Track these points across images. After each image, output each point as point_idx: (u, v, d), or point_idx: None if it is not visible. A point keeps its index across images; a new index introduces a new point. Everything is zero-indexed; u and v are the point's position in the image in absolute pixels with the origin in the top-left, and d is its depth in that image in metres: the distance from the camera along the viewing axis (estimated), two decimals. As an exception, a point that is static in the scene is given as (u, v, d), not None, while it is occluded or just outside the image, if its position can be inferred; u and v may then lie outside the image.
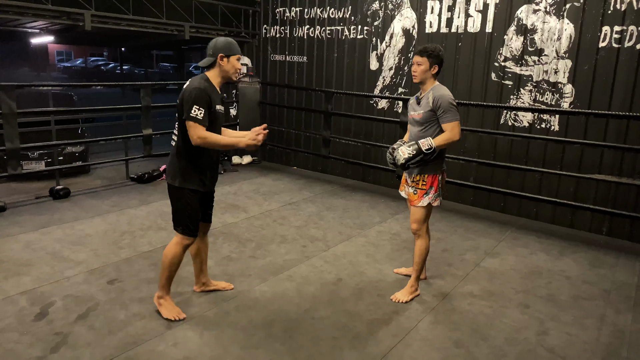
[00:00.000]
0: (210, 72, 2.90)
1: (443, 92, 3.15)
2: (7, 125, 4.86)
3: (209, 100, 2.78)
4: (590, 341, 2.97)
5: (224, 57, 2.84)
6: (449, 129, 3.10)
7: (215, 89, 2.88)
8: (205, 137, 2.75)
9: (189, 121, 2.73)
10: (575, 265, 4.14)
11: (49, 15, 5.54)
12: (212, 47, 2.87)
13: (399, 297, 3.36)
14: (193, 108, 2.71)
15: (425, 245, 3.35)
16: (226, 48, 2.85)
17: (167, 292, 3.05)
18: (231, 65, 2.87)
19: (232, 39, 2.91)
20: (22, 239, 4.23)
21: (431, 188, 3.24)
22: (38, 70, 28.92)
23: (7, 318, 2.95)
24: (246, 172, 7.15)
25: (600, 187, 4.86)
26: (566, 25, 4.87)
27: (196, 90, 2.75)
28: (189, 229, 2.94)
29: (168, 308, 3.02)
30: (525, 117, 5.25)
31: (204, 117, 2.74)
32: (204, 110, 2.73)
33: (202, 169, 2.93)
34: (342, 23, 6.61)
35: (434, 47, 3.20)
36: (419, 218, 3.29)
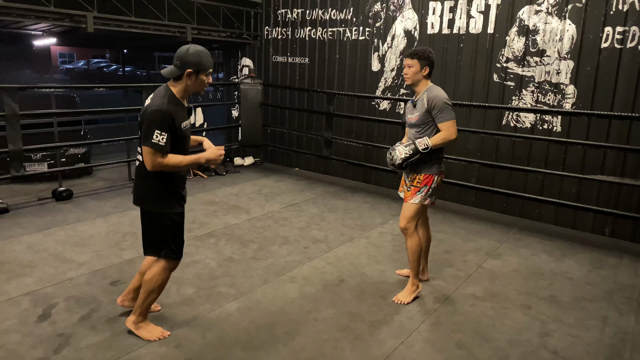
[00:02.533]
0: (174, 85, 2.56)
1: (437, 92, 3.19)
2: (10, 127, 4.87)
3: (172, 122, 2.48)
4: (592, 343, 2.96)
5: (192, 73, 2.50)
6: (445, 128, 3.14)
7: (181, 104, 2.58)
8: (164, 163, 2.49)
9: (147, 147, 2.44)
10: (577, 266, 4.13)
11: (51, 17, 5.56)
12: (180, 57, 2.49)
13: (401, 298, 3.37)
14: (155, 133, 2.42)
15: (415, 244, 3.32)
16: (195, 63, 2.49)
17: (146, 317, 2.85)
18: (199, 83, 2.55)
19: (204, 50, 2.55)
20: (24, 240, 4.24)
21: (425, 187, 3.26)
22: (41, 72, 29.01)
23: (10, 319, 2.96)
24: (248, 173, 7.16)
25: (602, 188, 4.85)
26: (568, 26, 4.87)
27: (159, 113, 2.44)
28: (176, 254, 2.73)
29: (149, 329, 2.82)
30: (527, 118, 5.24)
31: (166, 143, 2.45)
32: (167, 135, 2.45)
33: (177, 185, 2.69)
34: (343, 24, 6.61)
35: (423, 49, 3.23)
36: (407, 215, 3.30)
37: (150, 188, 2.63)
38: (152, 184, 2.62)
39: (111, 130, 8.48)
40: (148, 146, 2.45)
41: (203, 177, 6.81)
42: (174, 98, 2.55)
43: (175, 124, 2.52)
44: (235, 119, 8.04)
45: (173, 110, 2.50)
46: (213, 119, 8.42)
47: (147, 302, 2.80)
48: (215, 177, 6.86)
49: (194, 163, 2.60)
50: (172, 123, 2.49)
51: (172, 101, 2.53)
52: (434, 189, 3.30)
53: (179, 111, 2.55)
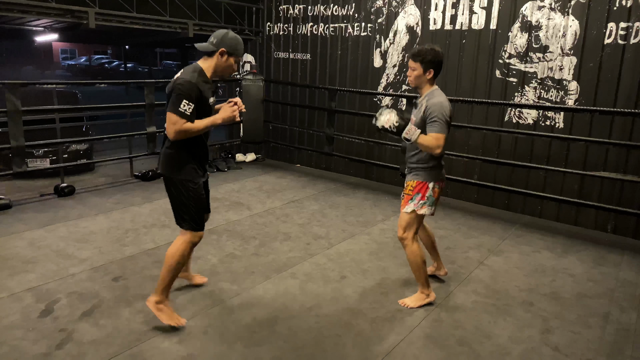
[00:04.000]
0: (205, 61, 2.71)
1: (436, 100, 2.97)
2: (12, 123, 4.88)
3: (200, 95, 2.63)
4: (594, 339, 2.96)
5: (225, 53, 2.67)
6: (434, 138, 2.91)
7: (208, 81, 2.71)
8: (186, 129, 2.60)
9: (173, 114, 2.57)
10: (579, 263, 4.12)
11: (53, 13, 5.55)
12: (218, 37, 2.67)
13: (407, 302, 3.27)
14: (182, 102, 2.56)
15: (414, 254, 3.15)
16: (232, 46, 2.67)
17: (167, 296, 2.88)
18: (228, 65, 2.71)
19: (241, 40, 2.73)
20: (27, 236, 4.26)
21: (417, 195, 3.09)
22: (42, 68, 29.04)
23: (13, 315, 2.97)
24: (250, 169, 7.16)
25: (605, 184, 4.84)
26: (571, 22, 4.84)
27: (187, 84, 2.58)
28: (196, 224, 2.80)
29: (168, 314, 2.86)
30: (529, 114, 5.23)
31: (192, 113, 2.59)
32: (193, 106, 2.59)
33: (200, 157, 2.81)
34: (345, 20, 6.59)
35: (427, 51, 2.99)
36: (402, 224, 3.17)
37: (174, 155, 2.74)
38: (176, 150, 2.73)
39: (113, 126, 8.47)
40: (175, 113, 2.57)
41: (205, 173, 6.80)
42: (203, 73, 2.68)
43: (202, 97, 2.64)
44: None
45: (201, 84, 2.64)
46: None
47: (167, 280, 2.82)
48: (216, 173, 6.87)
49: (211, 125, 2.70)
50: (199, 96, 2.62)
51: (202, 76, 2.67)
52: (430, 198, 3.11)
53: (205, 86, 2.68)
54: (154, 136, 6.10)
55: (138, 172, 6.42)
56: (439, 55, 3.01)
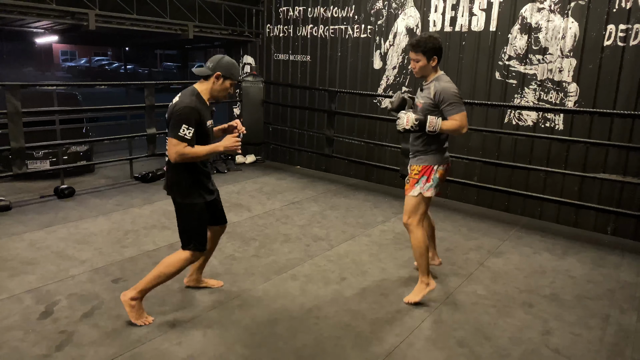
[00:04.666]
0: (201, 85, 2.81)
1: (445, 84, 3.06)
2: (12, 125, 4.88)
3: (199, 118, 2.70)
4: (594, 341, 2.96)
5: (221, 77, 2.76)
6: (458, 119, 3.04)
7: (205, 104, 2.80)
8: (186, 154, 2.67)
9: (173, 139, 2.64)
10: (579, 264, 4.12)
11: (53, 15, 5.56)
12: (214, 61, 2.79)
13: (410, 298, 3.30)
14: (182, 127, 2.63)
15: (418, 240, 3.21)
16: (227, 69, 2.77)
17: (143, 296, 2.94)
18: (224, 88, 2.80)
19: (236, 64, 2.85)
20: (27, 237, 4.25)
21: (423, 177, 3.17)
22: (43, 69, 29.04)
23: (13, 316, 2.97)
24: (250, 171, 7.16)
25: (605, 186, 4.84)
26: (571, 24, 4.85)
27: (187, 109, 2.66)
28: (200, 245, 2.89)
29: (139, 312, 2.92)
30: (529, 116, 5.23)
31: (192, 137, 2.66)
32: (193, 130, 2.66)
33: (204, 177, 2.89)
34: (345, 22, 6.60)
35: (426, 39, 3.06)
36: (408, 208, 3.23)
37: (179, 179, 2.82)
38: (179, 173, 2.80)
39: (113, 128, 8.48)
40: (175, 138, 2.63)
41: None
42: (201, 97, 2.77)
43: (201, 120, 2.71)
44: (237, 116, 8.04)
45: (200, 108, 2.71)
46: (215, 117, 8.41)
47: (153, 283, 2.88)
48: (217, 174, 6.87)
49: (212, 152, 2.75)
50: (199, 119, 2.69)
51: (200, 100, 2.75)
52: (435, 180, 3.18)
53: (204, 109, 2.76)
54: (154, 138, 6.11)
55: (138, 174, 6.43)
56: (438, 41, 3.11)
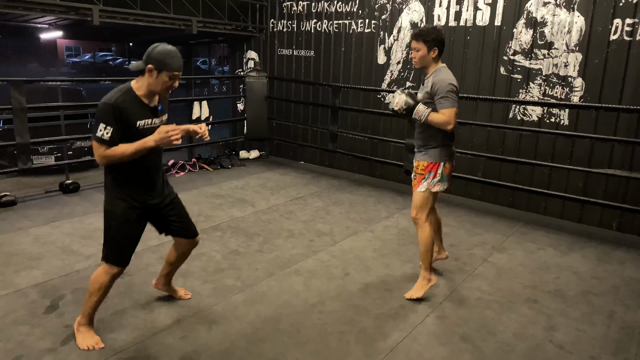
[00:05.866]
0: (138, 80, 2.47)
1: (442, 76, 3.03)
2: (17, 120, 4.90)
3: (121, 117, 2.36)
4: (599, 337, 2.95)
5: (154, 70, 2.38)
6: (446, 114, 2.99)
7: (138, 101, 2.44)
8: (109, 155, 2.37)
9: (94, 141, 2.36)
10: (584, 260, 4.11)
11: (57, 10, 5.57)
12: (147, 52, 2.42)
13: (412, 293, 3.29)
14: (99, 126, 2.33)
15: (425, 235, 3.21)
16: (159, 60, 2.38)
17: (90, 321, 2.69)
18: (160, 82, 2.41)
19: (173, 50, 2.43)
20: (32, 232, 4.28)
21: (430, 174, 3.16)
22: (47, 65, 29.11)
23: (19, 311, 2.99)
24: (253, 166, 7.17)
25: (610, 181, 4.82)
26: (576, 18, 4.81)
27: (104, 106, 2.35)
28: (115, 257, 2.57)
29: (85, 336, 2.66)
30: (534, 111, 5.20)
31: (112, 137, 2.34)
32: (112, 128, 2.33)
33: (132, 185, 2.54)
34: (349, 17, 6.57)
35: (429, 30, 3.05)
36: (416, 204, 3.23)
37: (107, 182, 2.56)
38: (108, 178, 2.54)
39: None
40: (94, 139, 2.37)
41: (209, 170, 6.82)
42: (131, 93, 2.44)
43: (126, 119, 2.39)
44: (240, 112, 8.04)
45: (124, 105, 2.38)
46: (219, 112, 8.43)
47: (89, 304, 2.64)
48: (220, 170, 6.88)
49: (140, 149, 2.39)
50: (120, 117, 2.36)
51: (127, 95, 2.42)
52: (442, 175, 3.17)
53: (134, 107, 2.42)
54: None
55: (142, 169, 6.43)
56: (441, 34, 3.08)
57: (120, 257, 2.60)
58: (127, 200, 2.53)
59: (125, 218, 2.54)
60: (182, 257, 3.00)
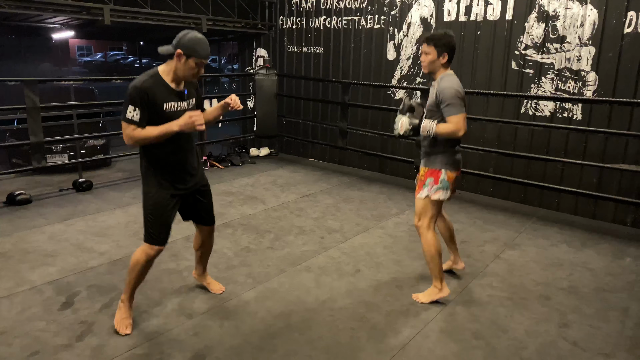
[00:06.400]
0: (165, 65, 2.58)
1: (447, 83, 2.93)
2: (31, 120, 4.97)
3: (148, 99, 2.47)
4: (613, 334, 2.92)
5: (182, 55, 2.48)
6: (454, 122, 2.89)
7: (165, 84, 2.55)
8: (135, 136, 2.49)
9: (123, 122, 2.48)
10: (598, 257, 4.06)
11: (69, 10, 5.63)
12: (177, 38, 2.51)
13: (420, 297, 3.24)
14: (128, 108, 2.45)
15: (429, 243, 3.09)
16: (189, 47, 2.47)
17: (129, 297, 2.82)
18: (187, 67, 2.52)
19: (203, 39, 2.53)
20: (47, 230, 4.34)
21: (430, 179, 3.06)
22: (60, 65, 29.44)
23: (34, 307, 3.04)
24: (264, 164, 7.19)
25: (624, 177, 4.75)
26: (589, 11, 4.74)
27: (133, 89, 2.47)
28: (151, 237, 2.69)
29: (123, 315, 2.80)
30: (546, 106, 5.14)
31: (141, 119, 2.47)
32: (140, 111, 2.46)
33: (164, 169, 2.66)
34: (358, 13, 6.55)
35: (441, 34, 2.96)
36: (418, 210, 3.15)
37: (140, 163, 2.70)
38: (140, 159, 2.69)
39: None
40: (123, 120, 2.49)
41: (220, 167, 6.86)
42: (158, 77, 2.55)
43: (153, 101, 2.49)
44: (250, 109, 8.07)
45: (151, 88, 2.49)
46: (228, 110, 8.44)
47: (128, 280, 2.79)
48: (231, 167, 6.91)
49: (165, 133, 2.51)
50: (147, 100, 2.47)
51: (155, 79, 2.54)
52: (444, 182, 3.05)
53: (161, 90, 2.53)
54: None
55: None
56: (452, 40, 2.98)
57: (156, 237, 2.70)
58: (160, 183, 2.66)
59: (158, 199, 2.66)
60: (205, 242, 3.12)
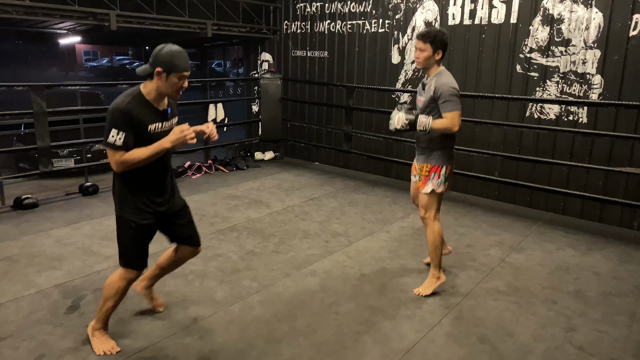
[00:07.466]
0: (146, 84, 2.42)
1: (445, 80, 3.09)
2: (38, 124, 5.01)
3: (132, 121, 2.32)
4: (620, 338, 2.90)
5: (162, 72, 2.33)
6: (449, 118, 3.05)
7: (148, 105, 2.41)
8: (125, 160, 2.34)
9: (107, 148, 2.33)
10: (604, 260, 4.04)
11: (75, 16, 5.68)
12: (153, 55, 2.36)
13: (421, 290, 3.36)
14: (111, 132, 2.29)
15: (434, 232, 3.29)
16: (167, 62, 2.32)
17: (104, 325, 2.69)
18: (170, 84, 2.36)
19: (180, 51, 2.38)
20: (53, 234, 4.37)
21: (434, 175, 3.24)
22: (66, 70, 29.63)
23: (41, 310, 3.06)
24: (268, 167, 7.20)
25: (631, 180, 4.72)
26: (595, 14, 4.73)
27: (115, 111, 2.31)
28: (131, 262, 2.58)
29: (101, 340, 2.66)
30: (552, 109, 5.13)
31: (125, 141, 2.32)
32: (124, 133, 2.30)
33: (142, 191, 2.51)
34: (363, 17, 6.57)
35: (436, 32, 3.10)
36: (423, 204, 3.32)
37: (115, 186, 2.52)
38: (114, 181, 2.52)
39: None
40: (106, 146, 2.34)
41: (225, 171, 6.88)
42: (141, 98, 2.40)
43: (137, 123, 2.36)
44: (255, 113, 8.09)
45: (135, 109, 2.35)
46: (234, 114, 8.49)
47: (104, 309, 2.64)
48: (236, 171, 6.93)
49: (157, 151, 2.38)
50: (131, 122, 2.33)
51: (137, 100, 2.38)
52: (445, 176, 3.26)
53: (144, 112, 2.39)
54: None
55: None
56: (446, 37, 3.15)
57: (137, 262, 2.60)
58: (139, 208, 2.50)
59: (136, 223, 2.51)
60: (177, 264, 2.96)
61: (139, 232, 2.54)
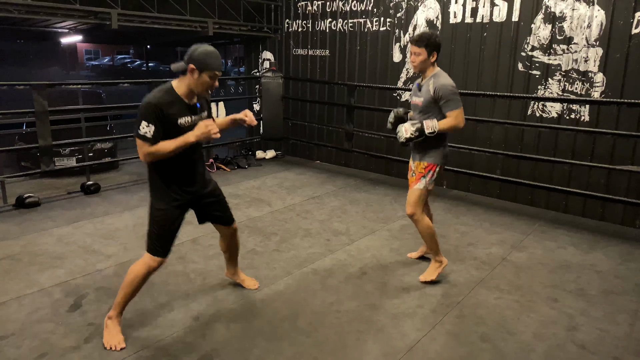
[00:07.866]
0: (179, 80, 2.57)
1: (443, 80, 3.20)
2: (40, 123, 5.02)
3: (161, 114, 2.46)
4: (622, 337, 2.89)
5: (195, 70, 2.47)
6: (453, 116, 3.18)
7: (179, 100, 2.54)
8: (152, 152, 2.48)
9: (137, 138, 2.46)
10: (606, 259, 4.03)
11: (77, 15, 5.69)
12: (188, 53, 2.51)
13: (426, 276, 3.49)
14: (142, 124, 2.43)
15: (426, 226, 3.41)
16: (201, 61, 2.47)
17: (119, 313, 2.75)
18: (201, 82, 2.51)
19: (214, 51, 2.53)
20: (55, 233, 4.38)
21: (430, 172, 3.34)
22: (68, 69, 29.71)
23: (43, 309, 3.06)
24: (270, 166, 7.20)
25: (633, 178, 4.71)
26: (597, 12, 4.72)
27: (146, 105, 2.45)
28: (156, 249, 2.67)
29: (112, 334, 2.71)
30: (553, 107, 5.12)
31: (154, 134, 2.45)
32: (154, 127, 2.44)
33: (181, 179, 2.68)
34: (364, 15, 6.56)
35: (429, 35, 3.23)
36: (412, 200, 3.38)
37: (149, 178, 2.69)
38: (149, 171, 2.67)
39: (136, 125, 8.62)
40: (137, 137, 2.47)
41: (226, 170, 6.88)
42: (172, 92, 2.54)
43: (167, 117, 2.48)
44: (256, 112, 8.09)
45: (165, 104, 2.48)
46: (235, 113, 8.48)
47: (122, 295, 2.71)
48: (237, 170, 6.93)
49: (182, 145, 2.51)
50: (161, 116, 2.46)
51: (169, 95, 2.52)
52: (438, 175, 3.37)
53: (175, 106, 2.52)
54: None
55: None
56: (439, 38, 3.28)
57: (161, 249, 2.70)
58: (170, 195, 2.65)
59: (168, 212, 2.66)
60: (229, 244, 3.19)
61: (169, 220, 2.67)
